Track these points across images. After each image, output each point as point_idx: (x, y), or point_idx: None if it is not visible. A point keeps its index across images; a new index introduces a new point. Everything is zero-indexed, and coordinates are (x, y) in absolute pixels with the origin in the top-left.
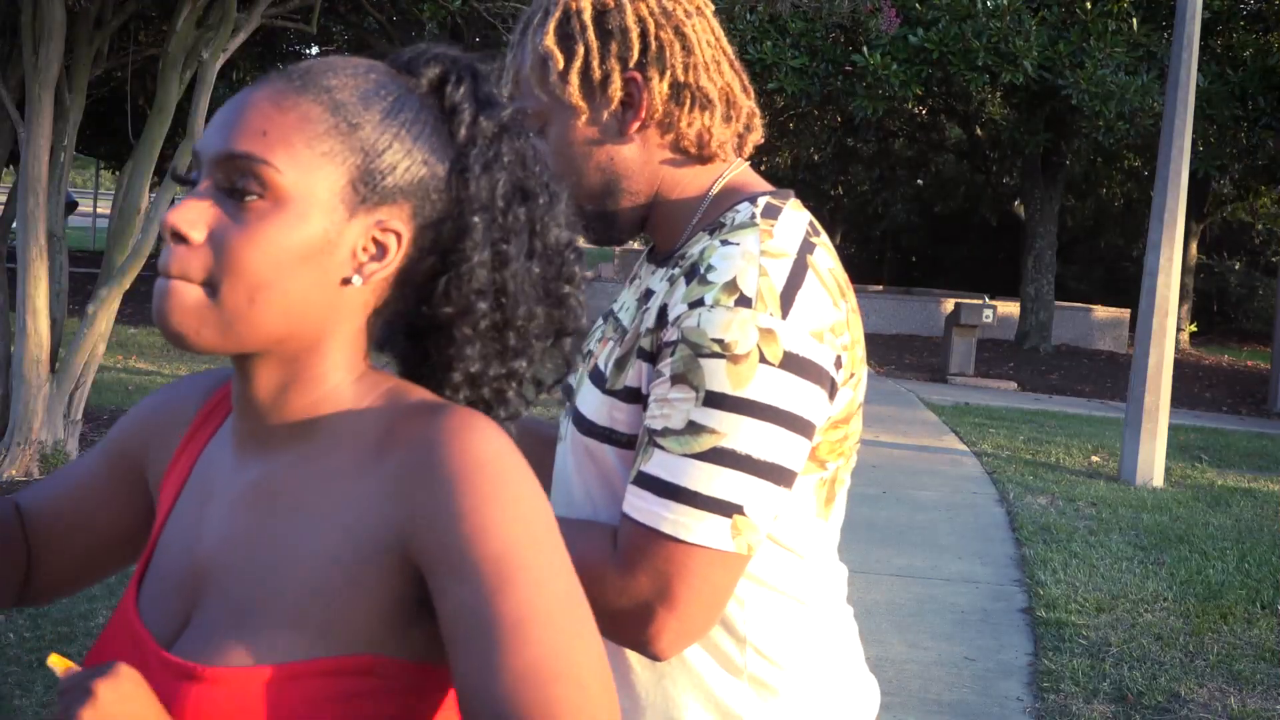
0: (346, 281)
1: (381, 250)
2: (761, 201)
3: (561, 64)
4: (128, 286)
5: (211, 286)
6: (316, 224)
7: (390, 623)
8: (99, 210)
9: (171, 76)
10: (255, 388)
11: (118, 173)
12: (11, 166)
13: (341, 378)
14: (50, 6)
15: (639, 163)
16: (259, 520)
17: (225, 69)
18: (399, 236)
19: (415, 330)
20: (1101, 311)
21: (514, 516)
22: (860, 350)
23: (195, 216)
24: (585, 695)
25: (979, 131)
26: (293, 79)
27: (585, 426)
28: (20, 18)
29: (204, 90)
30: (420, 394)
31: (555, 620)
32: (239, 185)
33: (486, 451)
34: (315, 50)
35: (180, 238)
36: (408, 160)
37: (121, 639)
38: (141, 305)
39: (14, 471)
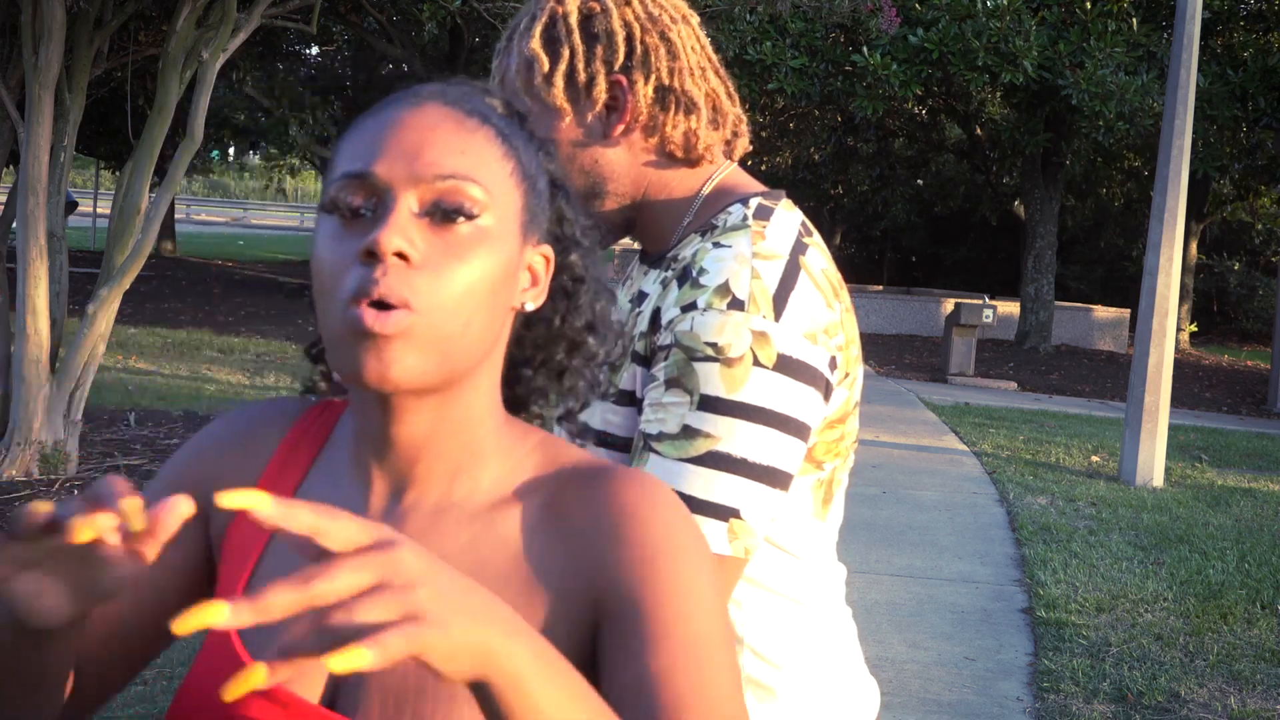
0: (514, 310)
1: (533, 277)
2: (753, 203)
3: (547, 67)
4: (128, 286)
5: (429, 313)
6: (510, 249)
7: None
8: (99, 210)
9: (171, 76)
10: (406, 426)
11: (118, 173)
12: (11, 166)
13: (492, 418)
14: (50, 6)
15: (624, 165)
16: None
17: (225, 69)
18: (547, 261)
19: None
20: (1101, 311)
21: (699, 591)
22: (855, 350)
23: (412, 236)
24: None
25: (979, 131)
26: (448, 99)
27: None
28: (20, 18)
29: (204, 90)
30: (576, 453)
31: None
32: (446, 207)
33: (671, 520)
34: (315, 50)
35: (402, 257)
36: (545, 186)
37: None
38: (141, 305)
39: (14, 472)
